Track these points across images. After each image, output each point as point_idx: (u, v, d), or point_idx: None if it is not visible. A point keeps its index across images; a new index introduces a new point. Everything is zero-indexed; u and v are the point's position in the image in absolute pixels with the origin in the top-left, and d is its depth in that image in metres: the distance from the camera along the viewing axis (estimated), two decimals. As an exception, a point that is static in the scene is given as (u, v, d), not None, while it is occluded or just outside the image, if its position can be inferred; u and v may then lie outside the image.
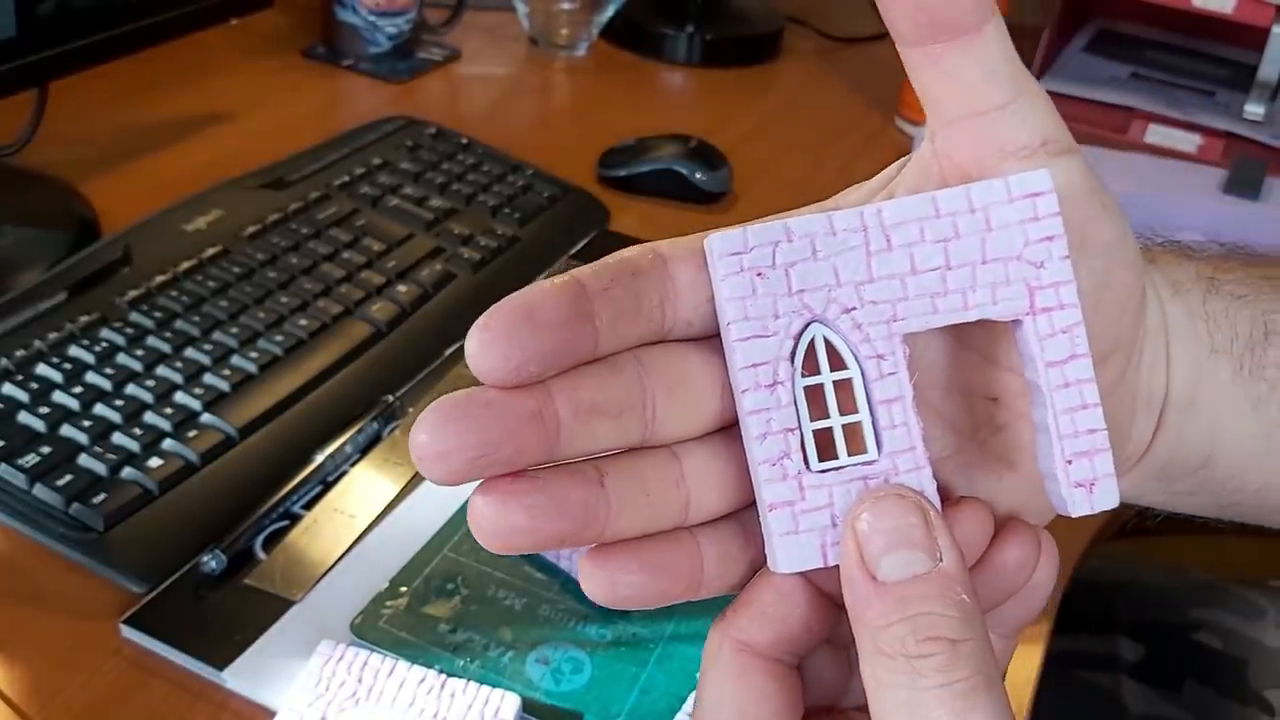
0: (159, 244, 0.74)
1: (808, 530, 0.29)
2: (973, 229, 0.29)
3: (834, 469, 0.29)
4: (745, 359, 0.29)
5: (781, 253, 0.29)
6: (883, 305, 0.29)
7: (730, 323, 0.29)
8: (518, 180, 0.91)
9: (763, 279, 0.29)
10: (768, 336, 0.29)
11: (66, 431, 0.60)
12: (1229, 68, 1.28)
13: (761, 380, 0.29)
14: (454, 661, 0.53)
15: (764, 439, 0.29)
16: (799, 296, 0.29)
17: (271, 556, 0.58)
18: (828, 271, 0.29)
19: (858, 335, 0.29)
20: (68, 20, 0.80)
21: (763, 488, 0.29)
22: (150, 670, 0.52)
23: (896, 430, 0.29)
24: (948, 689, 0.26)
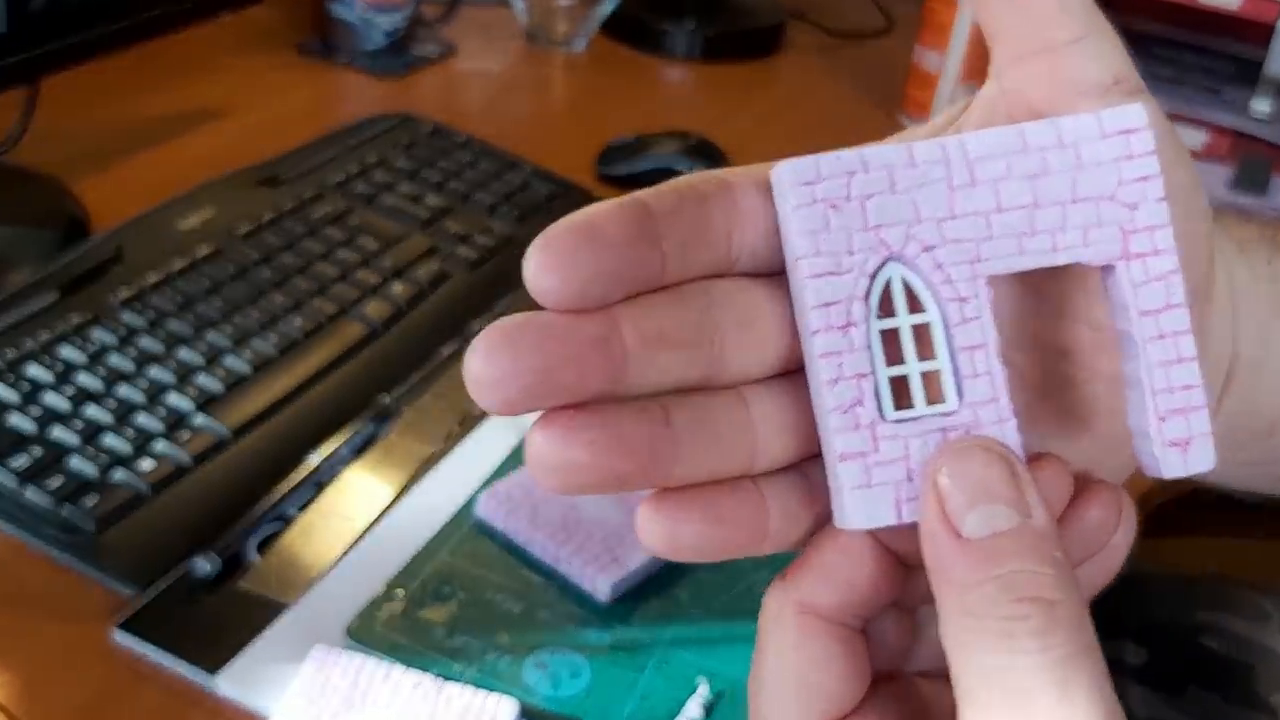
0: (151, 243, 0.73)
1: (881, 484, 0.26)
2: (1063, 165, 0.27)
3: (911, 419, 0.27)
4: (817, 298, 0.26)
5: (857, 184, 0.27)
6: (966, 244, 0.27)
7: (800, 258, 0.26)
8: (515, 178, 0.90)
9: (836, 211, 0.27)
10: (841, 274, 0.26)
11: (57, 433, 0.59)
12: (1235, 64, 1.27)
13: (834, 321, 0.26)
14: (450, 666, 0.52)
15: (835, 384, 0.26)
16: (875, 232, 0.27)
17: (265, 559, 0.57)
18: (907, 206, 0.27)
19: (938, 276, 0.27)
20: (59, 16, 0.79)
21: (833, 437, 0.26)
22: (142, 674, 0.51)
23: (979, 379, 0.27)
24: (1045, 654, 0.24)
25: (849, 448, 0.26)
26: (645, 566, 0.58)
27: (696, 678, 0.53)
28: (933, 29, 1.08)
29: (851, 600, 0.28)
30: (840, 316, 0.26)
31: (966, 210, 0.27)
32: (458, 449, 0.65)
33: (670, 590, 0.58)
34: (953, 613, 0.25)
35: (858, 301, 0.26)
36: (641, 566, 0.57)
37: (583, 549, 0.57)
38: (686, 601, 0.57)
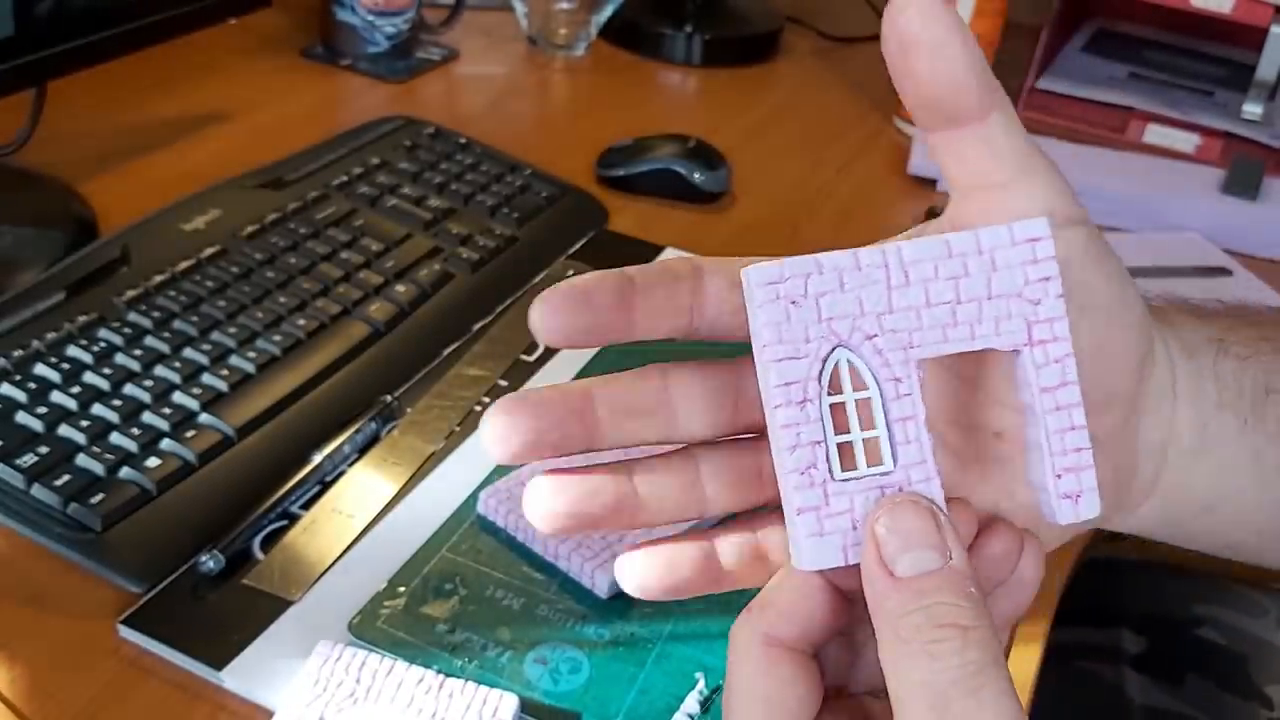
0: (157, 244, 0.74)
1: (831, 533, 0.32)
2: (980, 269, 0.33)
3: (855, 478, 0.32)
4: (779, 378, 0.32)
5: (813, 284, 0.32)
6: (900, 333, 0.32)
7: (765, 345, 0.32)
8: (516, 180, 0.91)
9: (795, 307, 0.32)
10: (799, 359, 0.32)
11: (64, 431, 0.60)
12: (1227, 67, 1.28)
13: (793, 397, 0.32)
14: (452, 662, 0.53)
15: (794, 450, 0.32)
16: (827, 324, 0.32)
17: (269, 556, 0.58)
18: (853, 302, 0.32)
19: (878, 360, 0.32)
20: (66, 19, 0.80)
21: (792, 494, 0.32)
22: (148, 670, 0.52)
23: (910, 445, 0.32)
24: (961, 669, 0.29)
25: (805, 503, 0.32)
26: (644, 564, 0.58)
27: (695, 673, 0.54)
28: (930, 33, 1.08)
29: (807, 629, 0.33)
30: (798, 394, 0.32)
31: (901, 305, 0.32)
32: (459, 447, 0.66)
33: (668, 587, 0.59)
34: (887, 638, 0.30)
35: (812, 381, 0.32)
36: None
37: (582, 546, 0.58)
38: (684, 598, 0.58)
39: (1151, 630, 0.84)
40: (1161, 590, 0.86)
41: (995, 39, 1.09)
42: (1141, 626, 0.84)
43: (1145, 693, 0.80)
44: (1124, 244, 0.95)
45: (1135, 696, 0.80)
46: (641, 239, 0.89)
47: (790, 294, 0.32)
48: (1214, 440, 0.40)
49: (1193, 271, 0.91)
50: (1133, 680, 0.81)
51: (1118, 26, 1.38)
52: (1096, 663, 0.82)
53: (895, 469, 0.32)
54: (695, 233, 0.92)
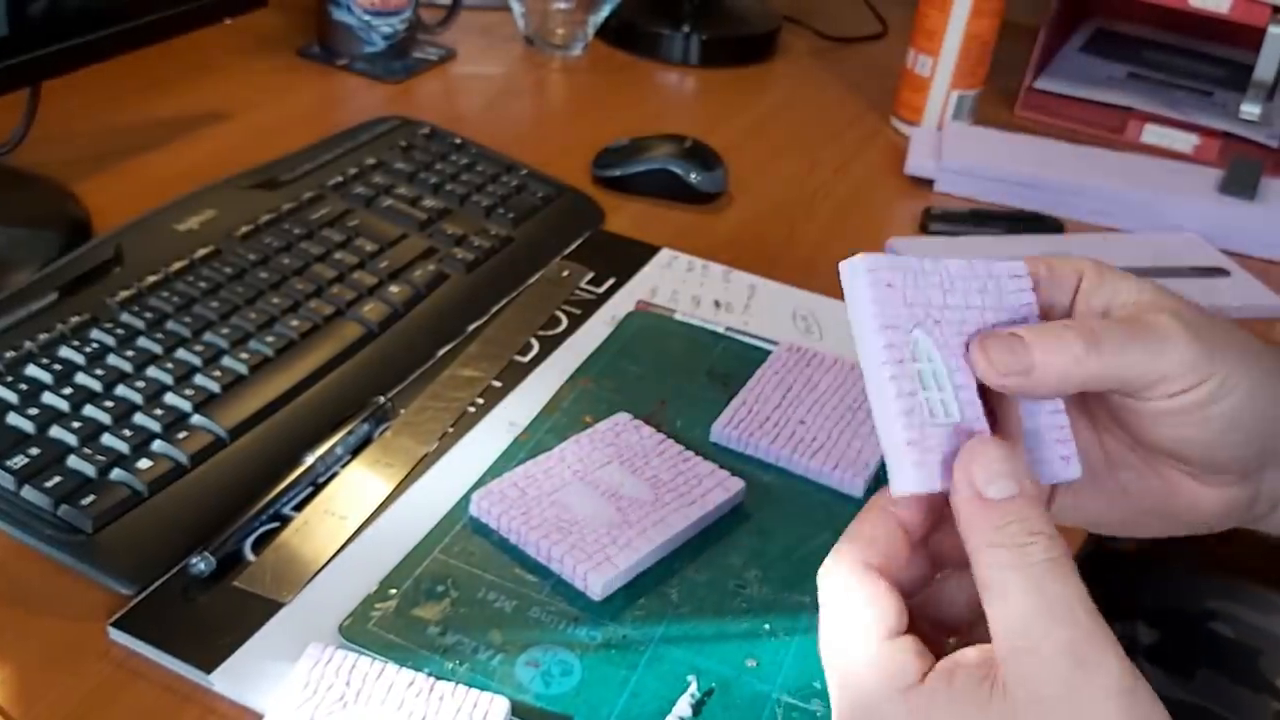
0: (151, 244, 0.74)
1: (929, 464, 0.40)
2: (995, 288, 0.44)
3: (939, 425, 0.40)
4: (886, 340, 0.40)
5: (897, 276, 0.41)
6: (952, 323, 0.42)
7: (873, 315, 0.40)
8: (512, 180, 0.91)
9: (891, 289, 0.41)
10: (897, 328, 0.41)
11: (56, 433, 0.59)
12: (1226, 67, 1.28)
13: (895, 357, 0.40)
14: (443, 664, 0.53)
15: (903, 397, 0.40)
16: (909, 308, 0.41)
17: (261, 558, 0.57)
18: (923, 294, 0.42)
19: (940, 338, 0.42)
20: (61, 19, 0.79)
21: (901, 432, 0.40)
22: (137, 672, 0.52)
23: (970, 405, 0.41)
24: (1049, 561, 0.37)
25: (912, 439, 0.40)
26: (636, 565, 0.58)
27: (687, 675, 0.54)
28: (924, 34, 1.08)
29: (889, 557, 0.41)
30: (898, 354, 0.40)
31: (950, 303, 0.42)
32: (452, 449, 0.66)
33: (661, 588, 0.58)
34: (983, 546, 0.38)
35: (906, 347, 0.41)
36: (633, 565, 0.58)
37: (575, 548, 0.58)
38: (677, 600, 0.58)
39: (1165, 623, 0.85)
40: (1175, 586, 0.88)
41: (993, 39, 1.09)
42: (1155, 620, 0.85)
43: (1158, 684, 0.81)
44: (1122, 244, 0.95)
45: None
46: (638, 239, 0.89)
47: (888, 279, 0.41)
48: None
49: (1190, 272, 0.91)
50: (1146, 672, 0.82)
51: (1116, 26, 1.37)
52: None
53: (962, 420, 0.41)
54: (692, 233, 0.92)
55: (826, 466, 0.66)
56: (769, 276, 0.86)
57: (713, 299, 0.83)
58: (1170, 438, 0.45)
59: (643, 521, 0.60)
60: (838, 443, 0.68)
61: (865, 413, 0.70)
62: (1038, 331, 0.42)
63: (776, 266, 0.88)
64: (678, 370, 0.74)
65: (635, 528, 0.60)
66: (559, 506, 0.61)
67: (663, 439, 0.67)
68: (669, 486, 0.63)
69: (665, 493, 0.62)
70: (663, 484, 0.63)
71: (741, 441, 0.68)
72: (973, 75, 1.09)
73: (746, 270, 0.87)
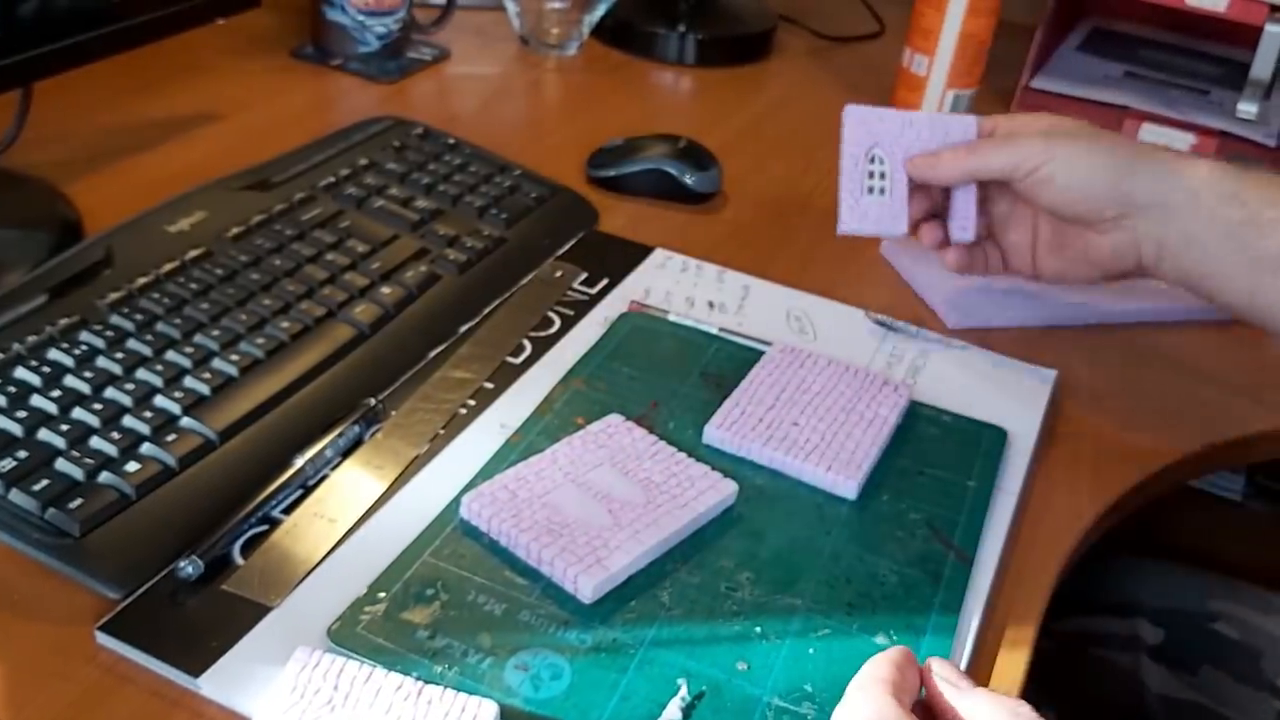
0: (141, 245, 0.74)
1: (859, 215, 0.76)
2: (941, 131, 0.78)
3: (872, 198, 0.76)
4: (850, 149, 0.77)
5: (869, 117, 0.77)
6: (902, 149, 0.77)
7: (845, 140, 0.77)
8: (505, 181, 0.90)
9: (863, 124, 0.77)
10: (859, 145, 0.76)
11: (44, 436, 0.59)
12: (1222, 66, 1.27)
13: (853, 161, 0.76)
14: (432, 668, 0.53)
15: (849, 178, 0.76)
16: (873, 135, 0.77)
17: (250, 562, 0.57)
18: (885, 130, 0.77)
19: (891, 156, 0.77)
20: (52, 20, 0.79)
21: (846, 196, 0.77)
22: (125, 677, 0.52)
23: (899, 194, 0.77)
24: None
25: (851, 200, 0.77)
26: (627, 568, 0.58)
27: (677, 679, 0.54)
28: (920, 33, 1.08)
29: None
30: (855, 160, 0.77)
31: (905, 138, 0.77)
32: (443, 451, 0.65)
33: (652, 591, 0.58)
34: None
35: (862, 156, 0.77)
36: (624, 568, 0.58)
37: (566, 550, 0.58)
38: (668, 602, 0.58)
39: (1169, 623, 0.86)
40: (1179, 587, 0.89)
41: (989, 38, 1.08)
42: (1159, 619, 0.86)
43: (1162, 682, 0.83)
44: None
45: (1152, 685, 0.83)
46: (632, 239, 0.89)
47: (863, 119, 0.77)
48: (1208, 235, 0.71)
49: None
50: (1150, 669, 0.84)
51: (1113, 25, 1.37)
52: (1116, 651, 0.85)
53: (890, 199, 0.77)
54: (686, 233, 0.91)
55: (819, 468, 0.66)
56: (763, 277, 0.86)
57: (706, 299, 0.82)
58: (1050, 203, 0.74)
59: (634, 524, 0.60)
60: (831, 444, 0.67)
61: (858, 415, 0.70)
62: (947, 149, 0.76)
63: (771, 266, 0.87)
64: (670, 371, 0.74)
65: (626, 530, 0.59)
66: (550, 509, 0.60)
67: (655, 440, 0.66)
68: (661, 488, 0.63)
69: (657, 495, 0.62)
70: (655, 486, 0.63)
71: (734, 443, 0.68)
72: (969, 74, 1.09)
73: (741, 270, 0.86)
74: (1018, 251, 0.80)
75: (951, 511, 0.65)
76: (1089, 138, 0.73)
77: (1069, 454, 0.73)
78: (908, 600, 0.59)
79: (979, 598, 0.60)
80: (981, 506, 0.66)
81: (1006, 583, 0.62)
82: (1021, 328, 0.84)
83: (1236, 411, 0.79)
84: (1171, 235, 0.72)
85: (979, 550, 0.63)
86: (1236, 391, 0.81)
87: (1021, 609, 0.61)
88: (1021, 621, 0.60)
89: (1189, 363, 0.84)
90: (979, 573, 0.62)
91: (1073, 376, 0.80)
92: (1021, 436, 0.72)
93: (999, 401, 0.75)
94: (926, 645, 0.57)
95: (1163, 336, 0.86)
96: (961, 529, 0.64)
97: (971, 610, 0.59)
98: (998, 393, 0.76)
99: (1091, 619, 0.87)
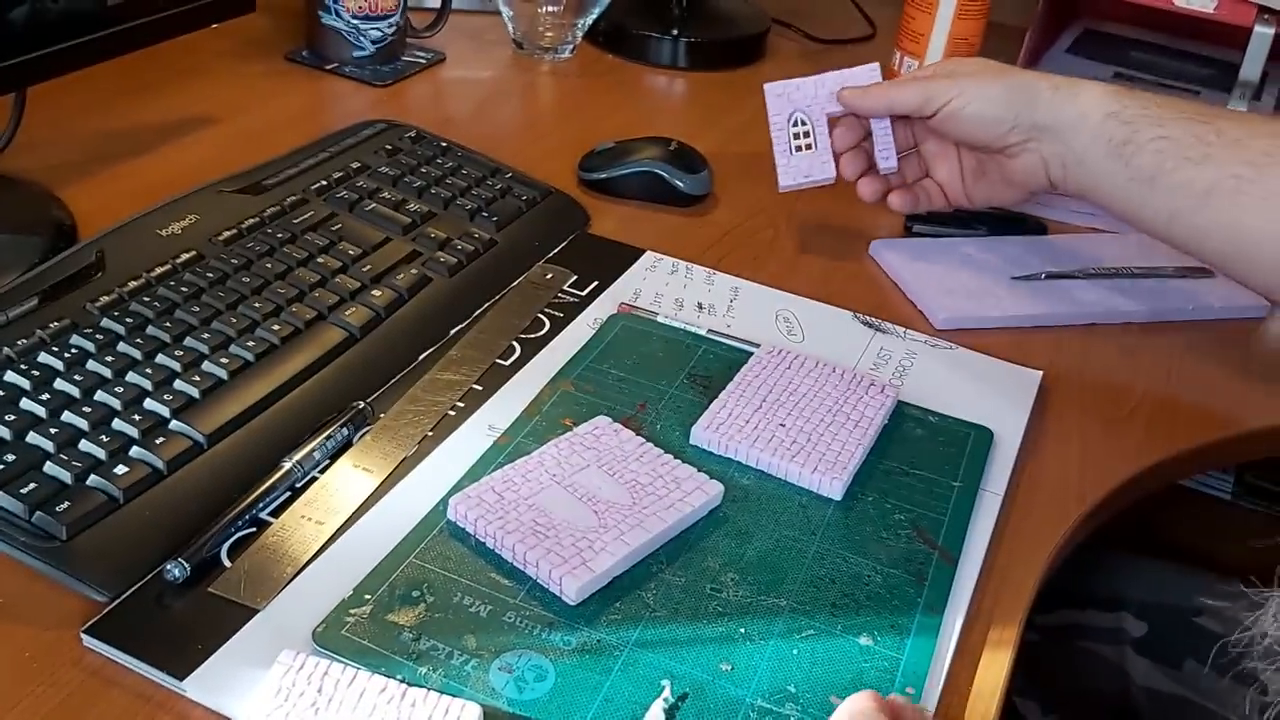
0: (133, 249, 0.74)
1: (793, 172, 0.89)
2: (847, 78, 0.89)
3: (803, 152, 0.89)
4: (777, 119, 0.89)
5: (788, 89, 0.89)
6: (819, 107, 0.89)
7: (770, 112, 0.89)
8: (497, 184, 0.91)
9: (780, 97, 0.89)
10: (783, 113, 0.89)
11: (33, 439, 0.59)
12: (1212, 67, 1.27)
13: (781, 124, 0.89)
14: (416, 670, 0.53)
15: (781, 143, 0.89)
16: (793, 101, 0.89)
17: (236, 564, 0.58)
18: (803, 94, 0.89)
19: (812, 112, 0.89)
20: (47, 25, 0.80)
21: (780, 157, 0.89)
22: (110, 680, 0.52)
23: (824, 149, 0.89)
24: None
25: (781, 162, 0.89)
26: (612, 569, 0.58)
27: (661, 680, 0.54)
28: (910, 36, 1.08)
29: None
30: (782, 124, 0.89)
31: (819, 97, 0.89)
32: (432, 453, 0.66)
33: (637, 592, 0.58)
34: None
35: (787, 121, 0.89)
36: (608, 569, 0.58)
37: (551, 552, 0.58)
38: (653, 603, 0.58)
39: (1153, 616, 0.87)
40: (1164, 581, 0.89)
41: (979, 40, 1.09)
42: (1143, 613, 0.87)
43: (1146, 674, 0.83)
44: (1107, 244, 0.95)
45: (1136, 677, 0.83)
46: (622, 242, 0.89)
47: (781, 91, 0.89)
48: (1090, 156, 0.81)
49: (1174, 272, 0.91)
50: (1134, 662, 0.84)
51: (1103, 27, 1.37)
52: (1101, 644, 0.85)
53: (817, 150, 0.88)
54: (676, 236, 0.92)
55: (805, 469, 0.66)
56: (752, 279, 0.86)
57: (696, 301, 0.83)
58: (961, 134, 0.85)
59: (619, 525, 0.60)
60: (817, 446, 0.68)
61: (845, 416, 0.70)
62: (873, 84, 0.88)
63: (760, 269, 0.88)
64: (658, 373, 0.74)
65: (612, 532, 0.60)
66: (536, 510, 0.61)
67: (642, 442, 0.67)
68: (647, 490, 0.63)
69: (643, 496, 0.63)
70: (641, 487, 0.63)
71: (720, 444, 0.68)
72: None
73: (730, 273, 0.87)
74: (950, 184, 0.90)
75: (937, 512, 0.66)
76: (993, 72, 0.84)
77: (1055, 454, 0.73)
78: (892, 601, 0.60)
79: (963, 598, 0.61)
80: (967, 506, 0.66)
81: (991, 582, 0.63)
82: (1009, 328, 0.84)
83: (1224, 411, 0.80)
84: (1067, 154, 0.81)
85: (964, 550, 0.63)
86: (1224, 391, 0.82)
87: (1005, 609, 0.61)
88: (1005, 621, 0.60)
89: (1176, 362, 0.84)
90: (963, 573, 0.62)
91: (1060, 376, 0.80)
92: (1008, 437, 0.73)
93: (986, 402, 0.75)
94: (910, 645, 0.57)
95: (1149, 337, 0.86)
96: (946, 529, 0.65)
97: (956, 610, 0.60)
98: (984, 393, 0.76)
99: (1078, 612, 0.88)
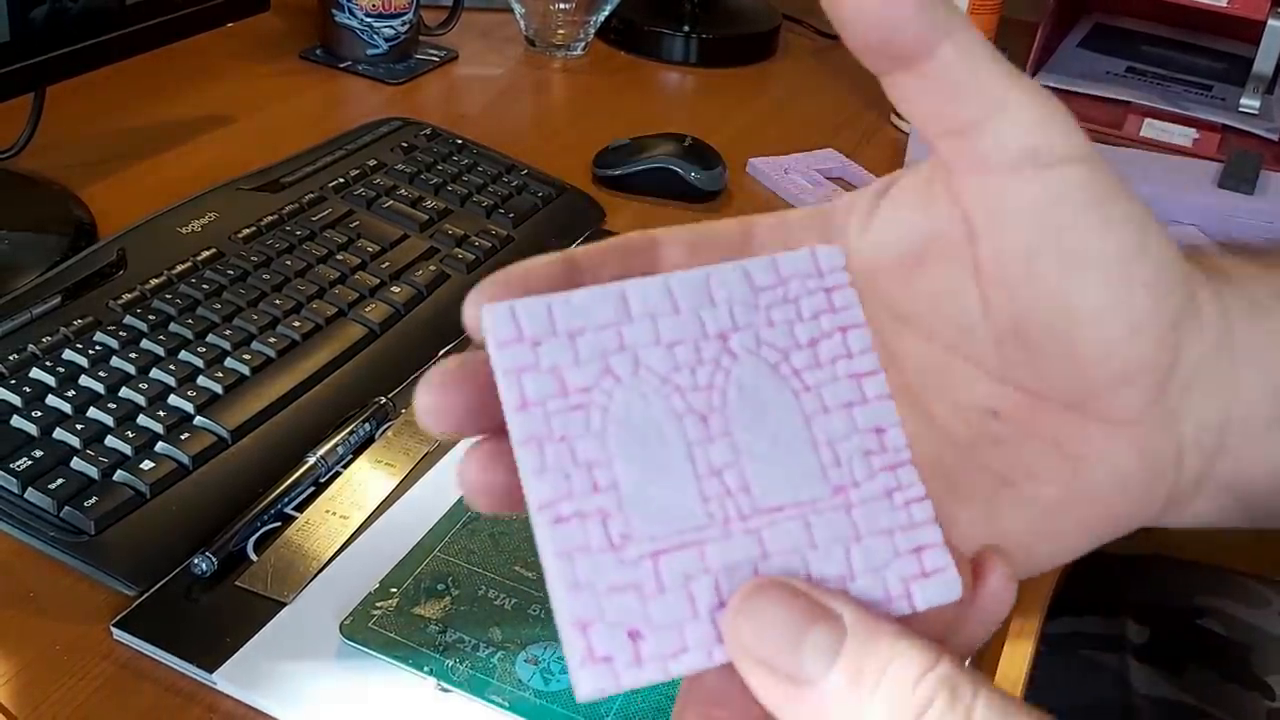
0: (153, 247, 0.75)
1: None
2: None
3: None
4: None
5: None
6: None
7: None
8: (512, 180, 0.91)
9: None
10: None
11: (59, 435, 0.60)
12: (1225, 61, 1.28)
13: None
14: (443, 662, 0.53)
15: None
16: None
17: (263, 558, 0.58)
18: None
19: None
20: (64, 24, 0.80)
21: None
22: (140, 673, 0.53)
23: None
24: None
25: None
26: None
27: (685, 671, 0.54)
28: (926, 30, 1.09)
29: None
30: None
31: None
32: (454, 447, 0.66)
33: (660, 586, 0.59)
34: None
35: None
36: (663, 673, 0.58)
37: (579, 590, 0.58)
38: (676, 597, 0.58)
39: (1154, 621, 0.84)
40: (1163, 581, 0.87)
41: (991, 35, 1.09)
42: (1144, 617, 0.84)
43: (1149, 683, 0.81)
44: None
45: (1138, 686, 0.81)
46: (638, 238, 0.89)
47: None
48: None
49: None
50: (1136, 670, 0.82)
51: (1115, 21, 1.37)
52: (1101, 652, 0.83)
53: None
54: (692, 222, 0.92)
55: None
56: (769, 274, 0.86)
57: (712, 297, 0.83)
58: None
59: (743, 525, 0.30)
60: None
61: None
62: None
63: (776, 264, 0.88)
64: (677, 368, 0.75)
65: (724, 575, 0.32)
66: (593, 436, 0.28)
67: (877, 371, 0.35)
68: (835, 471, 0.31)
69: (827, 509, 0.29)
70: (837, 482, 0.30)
71: None
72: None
73: (746, 268, 0.87)
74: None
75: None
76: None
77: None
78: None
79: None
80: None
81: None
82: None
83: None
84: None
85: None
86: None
87: (1023, 606, 0.61)
88: (1023, 618, 0.61)
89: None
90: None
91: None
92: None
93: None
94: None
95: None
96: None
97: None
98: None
99: (1076, 619, 0.85)
